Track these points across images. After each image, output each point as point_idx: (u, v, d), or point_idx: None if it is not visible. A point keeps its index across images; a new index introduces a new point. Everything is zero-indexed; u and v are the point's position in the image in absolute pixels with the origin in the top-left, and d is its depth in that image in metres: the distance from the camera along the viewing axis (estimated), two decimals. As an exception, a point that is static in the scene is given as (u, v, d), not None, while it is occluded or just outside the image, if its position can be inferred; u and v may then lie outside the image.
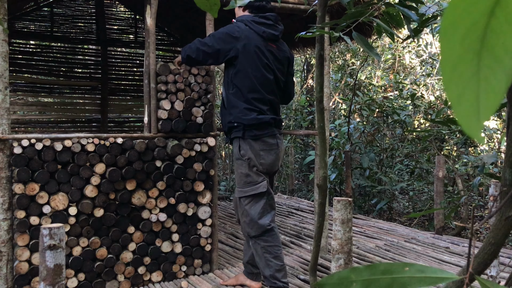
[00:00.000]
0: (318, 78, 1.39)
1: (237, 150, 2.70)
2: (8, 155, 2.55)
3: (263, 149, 2.67)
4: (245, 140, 2.66)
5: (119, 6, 6.36)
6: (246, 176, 2.68)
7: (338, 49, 7.86)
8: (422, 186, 6.19)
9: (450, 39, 0.34)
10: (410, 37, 1.46)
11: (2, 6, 2.49)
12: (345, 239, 1.84)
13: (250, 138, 2.65)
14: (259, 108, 2.66)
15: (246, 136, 2.65)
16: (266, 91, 2.69)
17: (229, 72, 2.71)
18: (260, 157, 2.67)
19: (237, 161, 2.72)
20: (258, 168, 2.68)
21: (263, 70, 2.66)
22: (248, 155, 2.66)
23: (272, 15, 2.75)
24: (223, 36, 2.64)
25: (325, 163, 1.48)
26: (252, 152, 2.66)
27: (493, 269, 2.38)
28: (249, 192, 2.67)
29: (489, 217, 0.87)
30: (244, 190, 2.69)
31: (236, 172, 2.75)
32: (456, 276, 0.54)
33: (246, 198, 2.68)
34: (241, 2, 1.10)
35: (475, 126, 0.34)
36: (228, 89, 2.71)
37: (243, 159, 2.67)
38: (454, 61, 0.34)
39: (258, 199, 2.68)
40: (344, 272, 0.56)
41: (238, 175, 2.72)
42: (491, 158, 2.36)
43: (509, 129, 0.97)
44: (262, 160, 2.67)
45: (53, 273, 1.66)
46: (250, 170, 2.67)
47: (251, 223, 2.66)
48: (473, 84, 0.34)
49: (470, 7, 0.33)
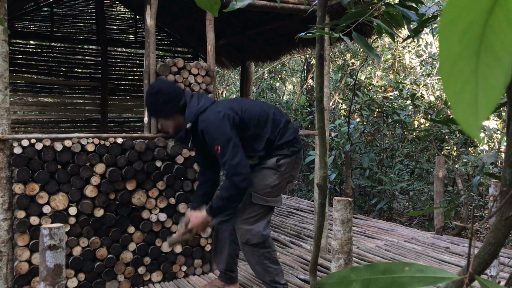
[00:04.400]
0: (318, 78, 1.39)
1: (274, 160, 2.57)
2: (8, 155, 2.55)
3: (297, 162, 2.65)
4: (290, 157, 2.60)
5: (119, 6, 6.37)
6: (272, 187, 2.57)
7: (338, 49, 7.86)
8: (422, 186, 6.19)
9: (448, 37, 0.34)
10: (410, 37, 1.46)
11: (2, 6, 2.49)
12: (345, 239, 1.84)
13: (292, 154, 2.60)
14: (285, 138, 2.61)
15: (290, 153, 2.58)
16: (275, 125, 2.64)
17: (243, 137, 2.55)
18: (293, 170, 2.63)
19: (270, 170, 2.57)
20: (289, 180, 2.64)
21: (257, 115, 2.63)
22: (283, 168, 2.57)
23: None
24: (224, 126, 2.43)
25: (325, 163, 1.48)
26: (289, 166, 2.59)
27: (493, 269, 2.38)
28: (270, 203, 2.58)
29: (489, 217, 0.87)
30: (265, 199, 2.57)
31: (262, 178, 2.58)
32: (456, 276, 0.54)
33: (262, 207, 2.58)
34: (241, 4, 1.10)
35: (473, 124, 0.34)
36: (258, 147, 2.61)
37: (278, 171, 2.56)
38: (453, 59, 0.34)
39: (269, 211, 2.63)
40: (344, 272, 0.56)
41: (264, 183, 2.57)
42: (490, 158, 2.36)
43: (509, 129, 0.97)
44: (293, 173, 2.64)
45: (53, 273, 1.66)
46: (279, 183, 2.58)
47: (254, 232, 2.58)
48: (472, 82, 0.34)
49: (469, 5, 0.33)
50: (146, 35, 3.02)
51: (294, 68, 10.70)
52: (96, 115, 6.07)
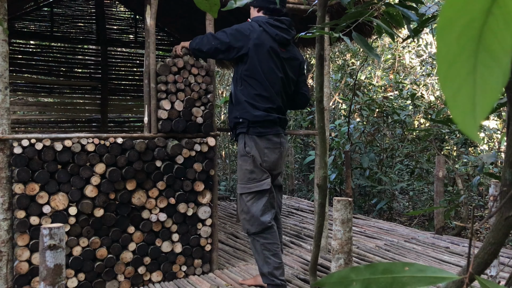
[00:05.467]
0: (318, 78, 1.39)
1: (242, 146, 2.73)
2: (8, 155, 2.55)
3: (267, 147, 2.71)
4: (250, 137, 2.69)
5: (119, 6, 6.37)
6: (250, 172, 2.70)
7: (338, 49, 7.86)
8: (422, 186, 6.19)
9: (446, 37, 0.34)
10: (410, 37, 1.46)
11: (2, 6, 2.49)
12: (345, 239, 1.84)
13: (255, 135, 2.68)
14: (265, 106, 2.69)
15: (251, 132, 2.69)
16: (274, 90, 2.73)
17: (239, 68, 2.74)
18: (264, 155, 2.70)
19: (242, 157, 2.74)
20: (262, 165, 2.71)
21: (272, 71, 2.70)
22: (252, 152, 2.69)
23: (286, 19, 2.79)
24: (235, 33, 2.67)
25: (325, 163, 1.48)
26: (256, 149, 2.69)
27: (493, 269, 2.38)
28: (252, 189, 2.69)
29: (489, 217, 0.87)
30: (247, 186, 2.70)
31: (240, 168, 2.76)
32: (456, 276, 0.54)
33: (249, 195, 2.71)
34: (240, 3, 1.10)
35: (471, 124, 0.34)
36: (237, 85, 2.75)
37: (248, 156, 2.70)
38: (451, 59, 0.34)
39: (260, 196, 2.70)
40: (344, 272, 0.56)
41: (242, 171, 2.73)
42: (490, 158, 2.36)
43: (509, 129, 0.97)
44: (266, 158, 2.71)
45: (53, 273, 1.66)
46: (255, 167, 2.69)
47: (252, 219, 2.68)
48: (469, 82, 0.34)
49: (468, 5, 0.33)
50: (146, 35, 3.02)
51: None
52: (96, 115, 6.07)
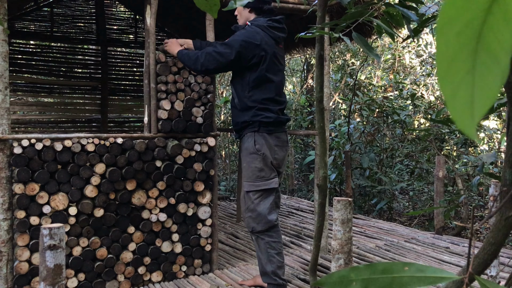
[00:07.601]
0: (318, 78, 1.39)
1: (251, 144, 2.70)
2: (8, 155, 2.55)
3: (277, 144, 2.72)
4: (261, 134, 2.68)
5: (119, 6, 6.36)
6: (260, 170, 2.68)
7: (338, 49, 7.86)
8: (422, 186, 6.19)
9: (446, 36, 0.34)
10: (410, 37, 1.45)
11: (2, 6, 2.49)
12: (345, 239, 1.84)
13: (265, 132, 2.68)
14: (277, 109, 2.72)
15: (262, 130, 2.68)
16: (279, 93, 2.76)
17: (246, 76, 2.70)
18: (275, 152, 2.71)
19: (251, 155, 2.71)
20: (272, 162, 2.70)
21: (278, 74, 2.74)
22: (263, 150, 2.68)
23: (282, 18, 2.80)
24: (245, 44, 2.62)
25: (325, 163, 1.48)
26: (267, 147, 2.69)
27: (493, 269, 2.38)
28: (261, 187, 2.68)
29: (489, 217, 0.87)
30: (255, 184, 2.69)
31: (248, 166, 2.73)
32: (456, 276, 0.54)
33: (257, 193, 2.70)
34: (240, 3, 1.10)
35: (469, 123, 0.34)
36: (244, 92, 2.71)
37: (258, 154, 2.68)
38: (450, 57, 0.34)
39: (268, 195, 2.71)
40: (343, 271, 0.56)
41: (251, 169, 2.70)
42: (490, 158, 2.35)
43: (509, 129, 0.97)
44: (276, 155, 2.71)
45: (53, 273, 1.66)
46: (265, 165, 2.68)
47: (259, 217, 2.67)
48: (468, 81, 0.34)
49: (467, 4, 0.33)
50: (146, 35, 3.02)
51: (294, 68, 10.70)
52: (96, 115, 6.07)
